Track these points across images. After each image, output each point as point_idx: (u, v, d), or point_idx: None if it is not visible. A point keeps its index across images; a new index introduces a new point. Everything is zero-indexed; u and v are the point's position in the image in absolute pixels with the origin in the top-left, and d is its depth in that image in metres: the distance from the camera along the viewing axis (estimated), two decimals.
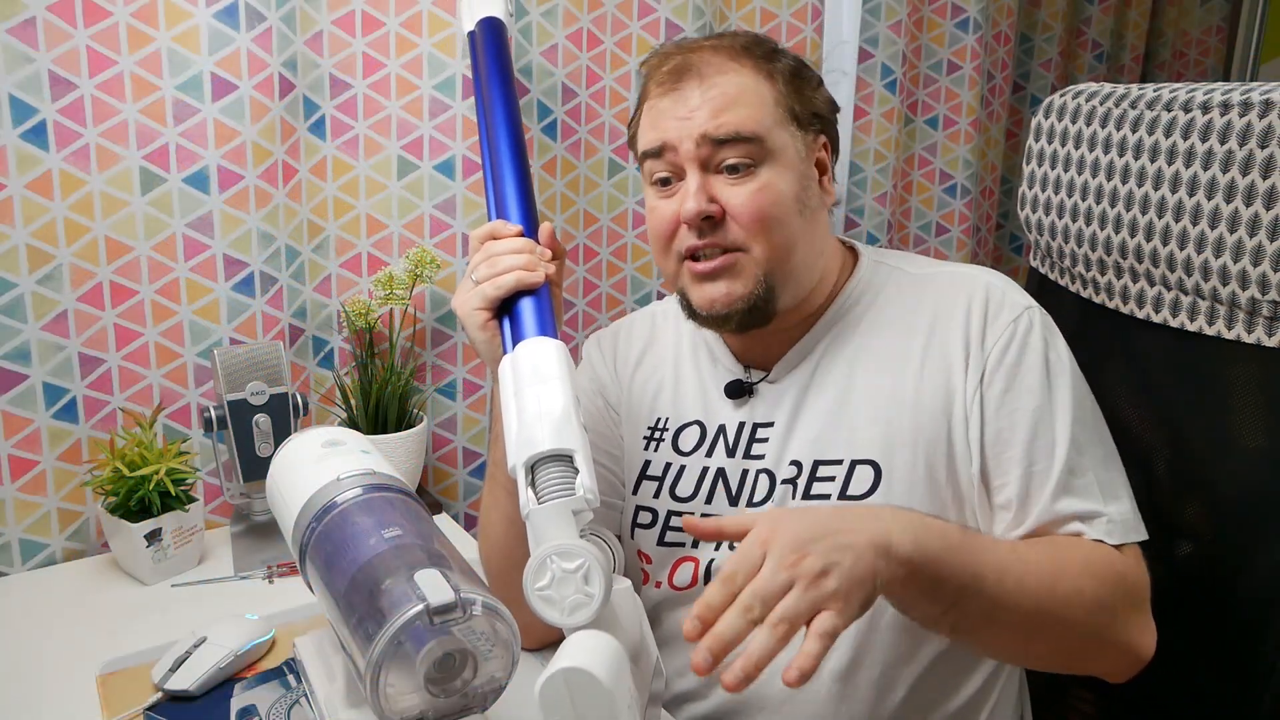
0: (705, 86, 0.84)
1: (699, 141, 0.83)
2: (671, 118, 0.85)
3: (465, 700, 0.66)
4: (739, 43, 0.87)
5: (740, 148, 0.83)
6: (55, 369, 1.12)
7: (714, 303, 0.85)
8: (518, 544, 0.89)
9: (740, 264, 0.85)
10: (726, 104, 0.83)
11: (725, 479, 0.92)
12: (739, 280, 0.85)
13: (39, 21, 1.05)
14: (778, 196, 0.84)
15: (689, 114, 0.84)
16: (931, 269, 0.93)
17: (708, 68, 0.85)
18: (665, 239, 0.87)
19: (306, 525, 0.75)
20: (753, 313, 0.85)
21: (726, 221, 0.84)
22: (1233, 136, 0.87)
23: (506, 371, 0.76)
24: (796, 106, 0.87)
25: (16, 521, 1.12)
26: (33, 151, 1.07)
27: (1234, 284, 0.89)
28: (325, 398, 1.36)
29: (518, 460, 0.69)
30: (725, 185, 0.84)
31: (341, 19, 1.28)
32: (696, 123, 0.83)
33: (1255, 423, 0.90)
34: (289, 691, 0.87)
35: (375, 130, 1.33)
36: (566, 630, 0.64)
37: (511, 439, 0.70)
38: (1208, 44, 2.34)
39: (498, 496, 0.91)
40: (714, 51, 0.86)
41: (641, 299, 1.61)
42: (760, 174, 0.84)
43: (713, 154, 0.83)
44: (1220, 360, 0.92)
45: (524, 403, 0.72)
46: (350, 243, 1.35)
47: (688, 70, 0.85)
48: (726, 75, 0.85)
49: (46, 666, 0.94)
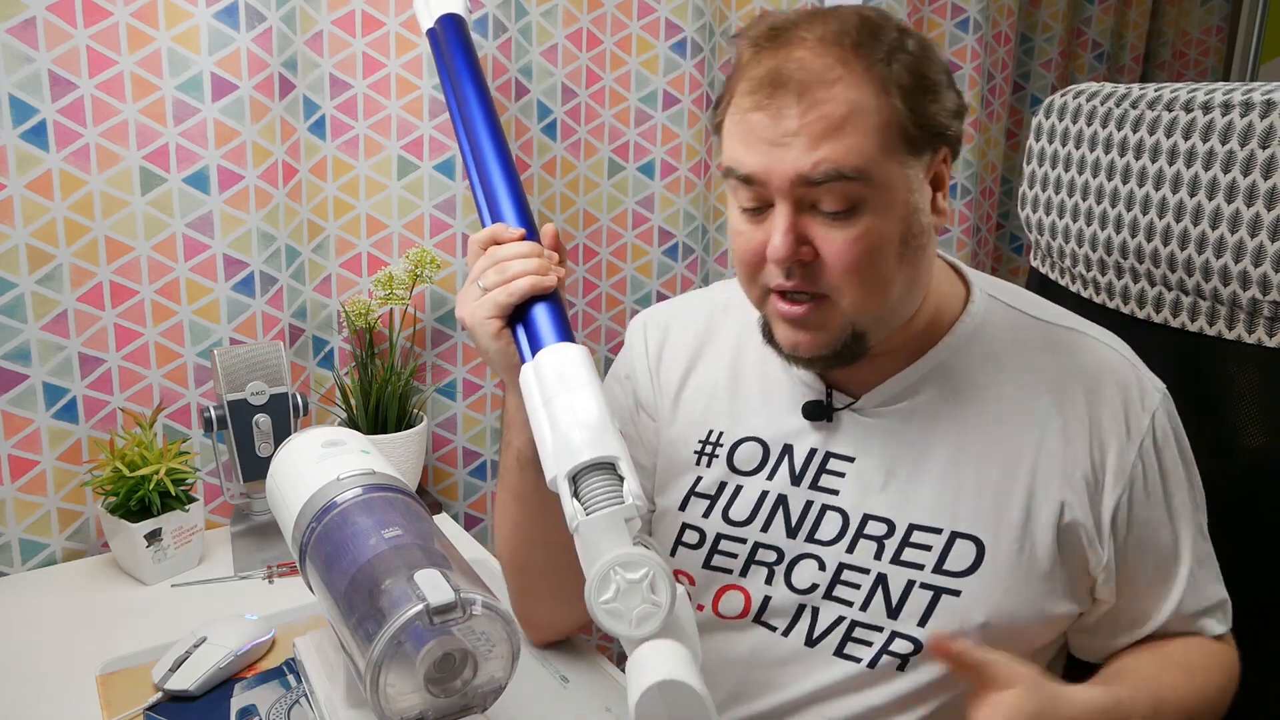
0: (804, 105, 0.71)
1: (794, 182, 0.71)
2: (761, 141, 0.72)
3: (465, 700, 0.66)
4: (849, 40, 0.72)
5: (839, 189, 0.71)
6: (55, 369, 1.12)
7: (798, 346, 0.78)
8: (526, 548, 0.90)
9: (827, 311, 0.76)
10: (826, 132, 0.71)
11: (786, 507, 0.84)
12: (824, 330, 0.76)
13: (39, 21, 1.05)
14: (879, 243, 0.73)
15: (782, 139, 0.71)
16: (1058, 319, 0.85)
17: (809, 79, 0.71)
18: (751, 270, 0.78)
19: (306, 525, 0.75)
20: (839, 357, 0.78)
21: (819, 263, 0.74)
22: (1234, 137, 0.87)
23: (530, 380, 0.73)
24: (913, 128, 0.73)
25: (16, 521, 1.12)
26: (33, 151, 1.07)
27: (1235, 285, 0.89)
28: (325, 398, 1.36)
29: (559, 472, 0.66)
30: (820, 225, 0.73)
31: (341, 19, 1.28)
32: (790, 157, 0.71)
33: (1256, 423, 0.91)
34: (289, 691, 0.87)
35: (375, 130, 1.33)
36: (632, 642, 0.63)
37: (547, 450, 0.68)
38: (1208, 44, 2.34)
39: (506, 503, 0.89)
40: (818, 52, 0.72)
41: (641, 299, 1.61)
42: (860, 218, 0.72)
43: (808, 193, 0.72)
44: (1221, 361, 0.92)
45: (556, 412, 0.69)
46: (350, 243, 1.35)
47: (784, 83, 0.71)
48: (832, 90, 0.71)
49: (46, 666, 0.94)
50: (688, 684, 0.57)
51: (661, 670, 0.57)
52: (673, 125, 1.56)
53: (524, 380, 0.74)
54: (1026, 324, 0.83)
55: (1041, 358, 0.81)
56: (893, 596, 0.80)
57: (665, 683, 0.57)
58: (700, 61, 1.55)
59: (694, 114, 1.57)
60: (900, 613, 0.79)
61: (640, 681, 0.58)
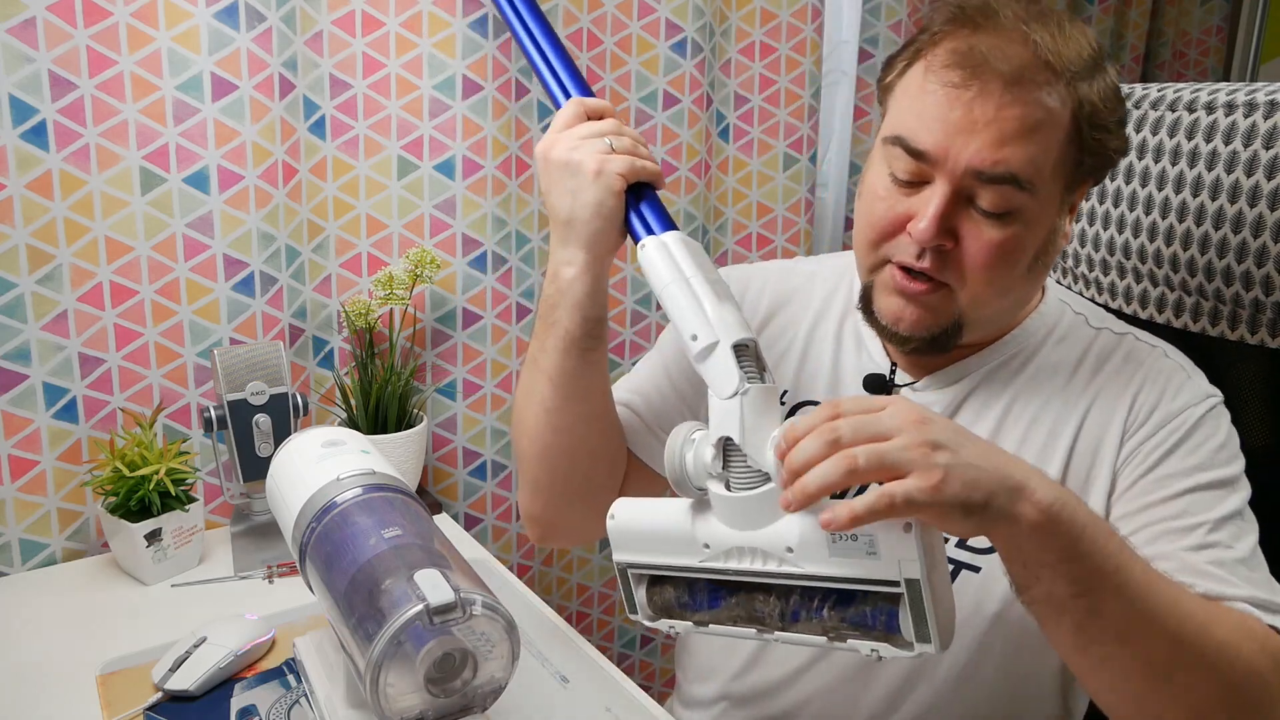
0: (1004, 100, 0.70)
1: (966, 172, 0.71)
2: (946, 122, 0.71)
3: (465, 700, 0.66)
4: (1062, 50, 0.71)
5: (1006, 193, 0.72)
6: (55, 369, 1.12)
7: (900, 320, 0.78)
8: (552, 433, 0.87)
9: (943, 299, 0.77)
10: (1017, 134, 0.70)
11: None
12: (934, 313, 0.77)
13: (39, 21, 1.05)
14: (1018, 253, 0.74)
15: (970, 128, 0.70)
16: (1115, 328, 0.86)
17: (1016, 72, 0.70)
18: (881, 236, 0.77)
19: (306, 525, 0.74)
20: (934, 343, 0.79)
21: (955, 254, 0.74)
22: (1237, 137, 0.87)
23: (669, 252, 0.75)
24: (1085, 157, 0.74)
25: (16, 521, 1.12)
26: (33, 151, 1.07)
27: (1237, 286, 0.89)
28: (325, 398, 1.36)
29: (725, 339, 0.67)
30: (970, 219, 0.73)
31: (341, 19, 1.28)
32: (973, 147, 0.70)
33: (1258, 424, 0.90)
34: (289, 691, 0.87)
35: (375, 130, 1.33)
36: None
37: (705, 318, 0.69)
38: (1208, 44, 2.34)
39: (537, 387, 0.86)
40: (1026, 45, 0.70)
41: (642, 300, 1.61)
42: (1013, 225, 0.73)
43: (973, 185, 0.72)
44: (1222, 362, 0.92)
45: (715, 286, 0.71)
46: (350, 243, 1.35)
47: (988, 66, 0.70)
48: (1030, 94, 0.70)
49: (46, 666, 0.94)
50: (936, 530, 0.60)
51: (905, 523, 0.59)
52: (673, 125, 1.56)
53: (655, 253, 0.75)
54: (1086, 332, 0.85)
55: (1097, 358, 0.83)
56: None
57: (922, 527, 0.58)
58: (700, 61, 1.55)
59: (694, 114, 1.56)
60: None
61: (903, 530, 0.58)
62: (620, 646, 1.72)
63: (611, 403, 0.91)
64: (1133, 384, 0.80)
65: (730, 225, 1.70)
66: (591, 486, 0.90)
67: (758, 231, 1.71)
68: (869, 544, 0.59)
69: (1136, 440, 0.78)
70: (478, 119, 1.35)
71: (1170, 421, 0.77)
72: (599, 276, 0.83)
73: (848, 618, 0.62)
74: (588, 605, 1.67)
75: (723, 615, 0.68)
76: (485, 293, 1.42)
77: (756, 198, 1.70)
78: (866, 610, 0.62)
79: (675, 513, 0.69)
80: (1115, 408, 0.80)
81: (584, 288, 0.82)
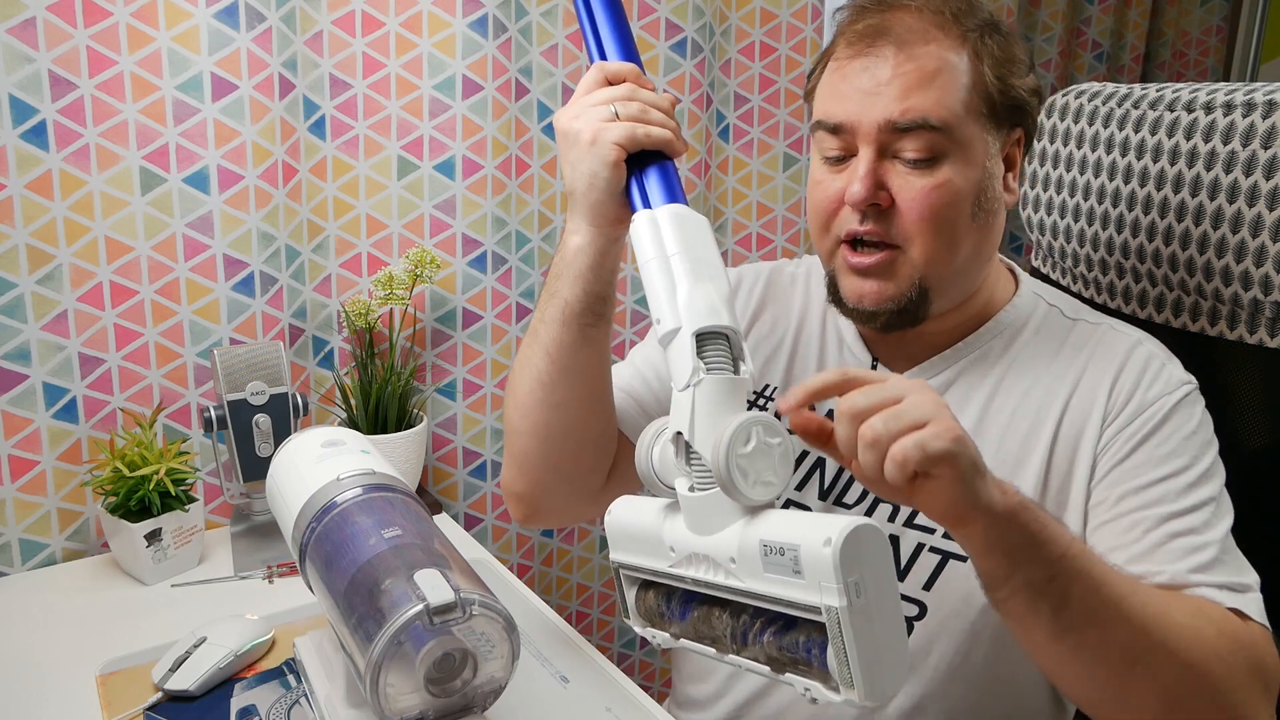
0: (900, 58, 0.76)
1: (881, 127, 0.76)
2: (855, 90, 0.77)
3: (465, 700, 0.66)
4: (950, 7, 0.79)
5: (923, 138, 0.76)
6: (55, 369, 1.12)
7: (863, 298, 0.81)
8: (545, 408, 0.86)
9: (897, 263, 0.79)
10: (919, 83, 0.76)
11: (822, 470, 0.87)
12: (892, 281, 0.79)
13: (39, 21, 1.05)
14: (953, 196, 0.77)
15: (875, 88, 0.76)
16: (1090, 318, 0.88)
17: (908, 34, 0.77)
18: (826, 217, 0.81)
19: (306, 525, 0.74)
20: (902, 314, 0.81)
21: (893, 212, 0.78)
22: (1235, 137, 0.87)
23: (659, 226, 0.69)
24: (996, 96, 0.78)
25: (16, 521, 1.12)
26: (33, 151, 1.07)
27: (1236, 285, 0.89)
28: (325, 398, 1.36)
29: (691, 326, 0.63)
30: (899, 173, 0.77)
31: (341, 19, 1.28)
32: (881, 104, 0.76)
33: (1257, 424, 0.90)
34: (289, 691, 0.87)
35: (375, 130, 1.33)
36: (748, 501, 0.59)
37: (678, 300, 0.64)
38: (1208, 44, 2.34)
39: (534, 359, 0.85)
40: (918, 14, 0.78)
41: (642, 300, 1.61)
42: (940, 169, 0.77)
43: (892, 140, 0.77)
44: (1222, 361, 0.92)
45: (693, 266, 0.65)
46: (350, 243, 1.35)
47: (883, 34, 0.77)
48: (927, 47, 0.77)
49: (46, 666, 0.94)
50: (877, 527, 0.53)
51: (849, 520, 0.53)
52: None
53: (642, 228, 0.69)
54: (1062, 323, 0.87)
55: (1070, 351, 0.84)
56: (902, 559, 0.82)
57: (863, 526, 0.52)
58: (700, 61, 1.55)
59: (694, 114, 1.56)
60: (907, 575, 0.82)
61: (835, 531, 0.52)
62: (620, 646, 1.72)
63: (608, 387, 0.89)
64: (1110, 371, 0.82)
65: (730, 225, 1.70)
66: (579, 469, 0.88)
67: (758, 231, 1.71)
68: (794, 561, 0.54)
69: (1115, 427, 0.79)
70: (477, 119, 1.35)
71: (1145, 410, 0.79)
72: (603, 251, 0.80)
73: (785, 646, 0.57)
74: (588, 605, 1.67)
75: (688, 629, 0.64)
76: (485, 293, 1.43)
77: (756, 198, 1.70)
78: (800, 640, 0.56)
79: (654, 512, 0.65)
80: (1095, 395, 0.81)
81: (588, 260, 0.79)
